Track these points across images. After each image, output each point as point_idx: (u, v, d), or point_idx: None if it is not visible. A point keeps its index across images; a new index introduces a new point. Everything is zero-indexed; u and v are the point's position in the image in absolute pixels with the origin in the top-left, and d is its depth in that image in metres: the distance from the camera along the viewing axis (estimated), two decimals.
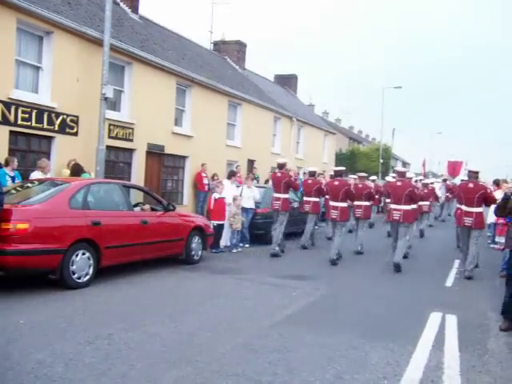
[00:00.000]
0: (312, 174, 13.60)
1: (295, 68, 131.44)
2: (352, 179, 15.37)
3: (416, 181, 14.99)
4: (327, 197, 13.03)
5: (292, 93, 33.09)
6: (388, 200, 11.65)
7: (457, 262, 11.49)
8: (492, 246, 14.57)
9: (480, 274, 10.24)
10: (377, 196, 15.40)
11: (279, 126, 24.67)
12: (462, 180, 13.01)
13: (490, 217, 13.18)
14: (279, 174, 12.23)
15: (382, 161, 39.22)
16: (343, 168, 12.50)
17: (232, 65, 24.79)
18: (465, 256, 10.29)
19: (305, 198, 13.49)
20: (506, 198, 7.73)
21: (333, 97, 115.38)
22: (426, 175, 26.92)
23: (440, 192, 20.20)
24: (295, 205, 14.66)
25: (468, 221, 10.05)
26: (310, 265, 10.85)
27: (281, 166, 12.39)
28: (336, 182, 11.52)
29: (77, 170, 11.07)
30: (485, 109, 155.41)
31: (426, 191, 16.18)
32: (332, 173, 13.00)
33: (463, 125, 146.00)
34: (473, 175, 10.31)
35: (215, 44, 25.92)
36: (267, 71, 79.31)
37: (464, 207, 10.20)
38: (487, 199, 10.24)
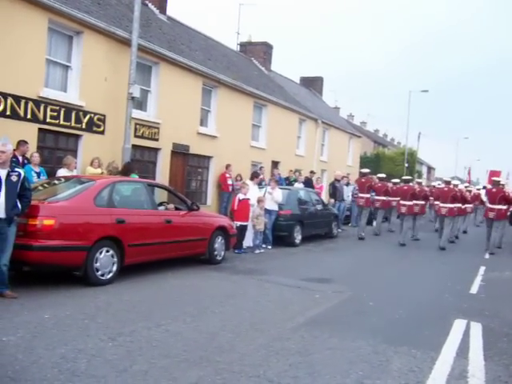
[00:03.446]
0: (364, 174, 17.65)
1: (320, 70, 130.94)
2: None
3: (466, 186, 20.39)
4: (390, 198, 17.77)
5: (317, 95, 32.95)
6: (437, 202, 16.41)
7: (482, 269, 11.32)
8: None
9: (506, 283, 10.14)
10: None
11: (304, 128, 24.59)
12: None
13: None
14: (363, 180, 17.18)
15: (407, 165, 38.89)
16: (410, 177, 18.03)
17: (258, 66, 24.81)
18: (488, 241, 14.61)
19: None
20: None
21: (358, 100, 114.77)
22: (470, 182, 28.71)
23: (485, 198, 21.86)
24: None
25: (491, 214, 14.65)
26: (333, 267, 10.79)
27: (364, 174, 17.55)
28: (405, 187, 16.48)
29: (127, 170, 11.21)
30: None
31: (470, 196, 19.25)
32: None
33: (489, 129, 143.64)
34: (496, 183, 15.26)
35: (242, 45, 25.99)
36: (293, 73, 79.28)
37: (489, 205, 14.92)
38: (505, 199, 14.57)
